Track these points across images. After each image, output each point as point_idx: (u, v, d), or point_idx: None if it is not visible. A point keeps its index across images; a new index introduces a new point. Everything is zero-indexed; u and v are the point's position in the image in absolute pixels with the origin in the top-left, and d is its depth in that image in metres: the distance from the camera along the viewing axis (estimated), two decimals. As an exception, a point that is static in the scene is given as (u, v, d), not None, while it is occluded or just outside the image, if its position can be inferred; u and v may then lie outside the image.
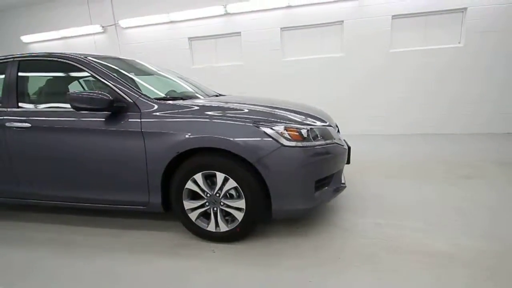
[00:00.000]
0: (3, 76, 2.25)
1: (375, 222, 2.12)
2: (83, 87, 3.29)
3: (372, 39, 5.10)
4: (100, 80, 2.01)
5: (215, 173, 1.81)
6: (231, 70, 5.91)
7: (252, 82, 5.79)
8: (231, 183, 1.79)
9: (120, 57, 2.70)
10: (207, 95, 2.76)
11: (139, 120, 1.88)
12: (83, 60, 2.08)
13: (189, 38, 5.91)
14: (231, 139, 1.72)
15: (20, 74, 2.20)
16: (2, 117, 2.12)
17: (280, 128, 1.75)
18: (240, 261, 1.74)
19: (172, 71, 3.12)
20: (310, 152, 1.77)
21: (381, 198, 2.52)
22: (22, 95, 2.18)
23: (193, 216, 1.92)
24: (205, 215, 1.95)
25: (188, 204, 1.90)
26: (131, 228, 2.22)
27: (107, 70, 2.06)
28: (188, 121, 1.83)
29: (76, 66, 2.07)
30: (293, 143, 1.73)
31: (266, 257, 1.77)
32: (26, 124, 2.05)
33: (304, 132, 1.79)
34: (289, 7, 5.24)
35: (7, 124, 2.08)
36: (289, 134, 1.75)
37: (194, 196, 1.92)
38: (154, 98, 1.99)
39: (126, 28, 6.14)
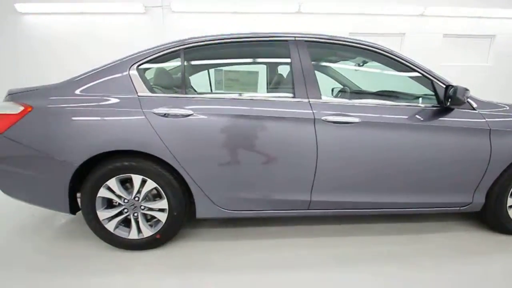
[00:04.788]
0: (282, 59, 1.84)
1: None
2: (209, 78, 2.87)
3: (427, 52, 5.78)
4: (428, 77, 1.87)
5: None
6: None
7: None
8: None
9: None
10: None
11: (483, 119, 1.83)
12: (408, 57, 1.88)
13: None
14: None
15: (313, 61, 1.83)
16: (307, 110, 1.73)
17: None
18: None
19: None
20: None
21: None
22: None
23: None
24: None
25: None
26: (415, 232, 2.08)
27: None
28: None
29: (403, 63, 1.87)
30: None
31: None
32: (355, 119, 1.73)
33: None
34: (361, 14, 5.50)
35: (324, 118, 1.71)
36: None
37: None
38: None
39: (178, 12, 5.35)
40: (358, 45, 1.87)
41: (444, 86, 1.82)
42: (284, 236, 2.02)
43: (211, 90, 2.82)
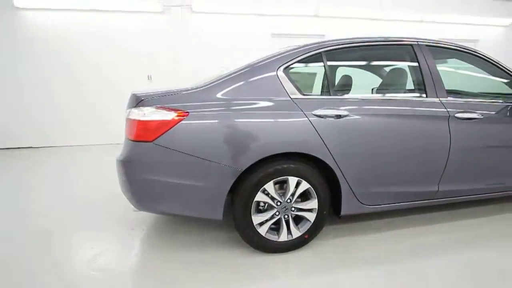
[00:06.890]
0: (404, 62, 2.01)
1: None
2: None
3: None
4: None
5: None
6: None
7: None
8: None
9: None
10: None
11: None
12: None
13: (273, 35, 5.60)
14: None
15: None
16: (442, 109, 1.92)
17: None
18: None
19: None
20: None
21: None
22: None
23: None
24: None
25: None
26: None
27: None
28: None
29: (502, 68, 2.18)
30: None
31: None
32: (479, 116, 1.97)
33: None
34: (422, 22, 5.98)
35: (457, 115, 1.92)
36: None
37: None
38: None
39: (198, 12, 5.20)
40: (466, 51, 2.12)
41: None
42: (407, 225, 2.17)
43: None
